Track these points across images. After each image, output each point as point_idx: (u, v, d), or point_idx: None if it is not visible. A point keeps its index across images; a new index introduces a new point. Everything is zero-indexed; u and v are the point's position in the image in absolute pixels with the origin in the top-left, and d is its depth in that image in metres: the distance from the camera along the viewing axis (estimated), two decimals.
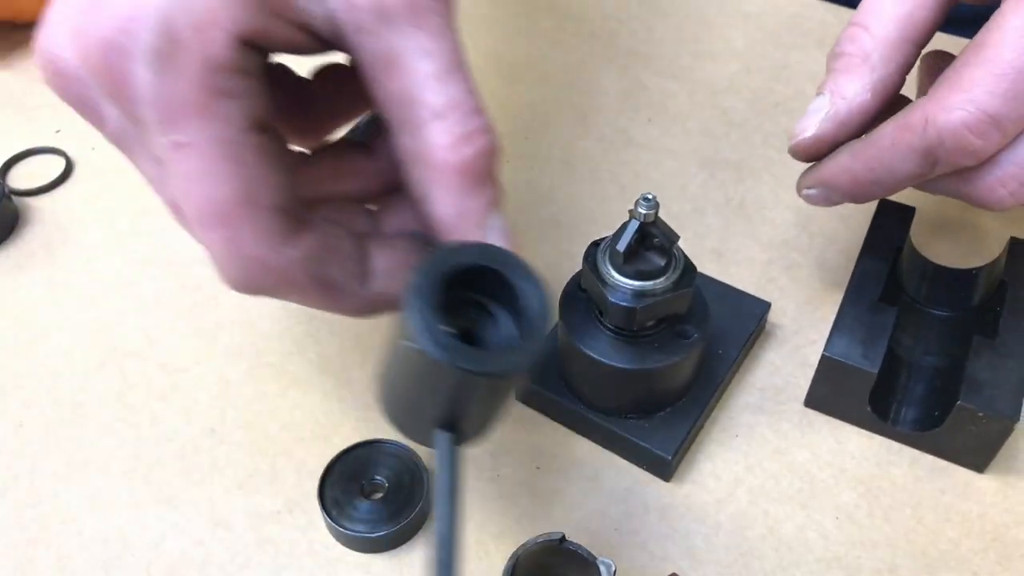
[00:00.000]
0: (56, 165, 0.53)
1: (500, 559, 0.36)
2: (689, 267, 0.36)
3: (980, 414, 0.36)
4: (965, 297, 0.43)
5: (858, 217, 0.49)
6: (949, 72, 0.34)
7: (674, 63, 0.60)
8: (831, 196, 0.39)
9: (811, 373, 0.41)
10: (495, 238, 0.29)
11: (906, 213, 0.45)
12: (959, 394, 0.36)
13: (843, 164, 0.37)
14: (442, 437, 0.28)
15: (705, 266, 0.46)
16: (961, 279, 0.44)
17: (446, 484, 0.28)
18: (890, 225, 0.44)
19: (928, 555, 0.36)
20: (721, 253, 0.48)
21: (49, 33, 0.28)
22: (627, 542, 0.37)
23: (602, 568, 0.32)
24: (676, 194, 0.51)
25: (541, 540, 0.33)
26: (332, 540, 0.37)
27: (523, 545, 0.33)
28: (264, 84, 0.27)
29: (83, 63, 0.27)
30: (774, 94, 0.57)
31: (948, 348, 0.42)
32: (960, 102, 0.32)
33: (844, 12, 0.62)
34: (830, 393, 0.40)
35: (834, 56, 0.37)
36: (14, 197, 0.51)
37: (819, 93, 0.37)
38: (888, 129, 0.35)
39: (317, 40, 0.28)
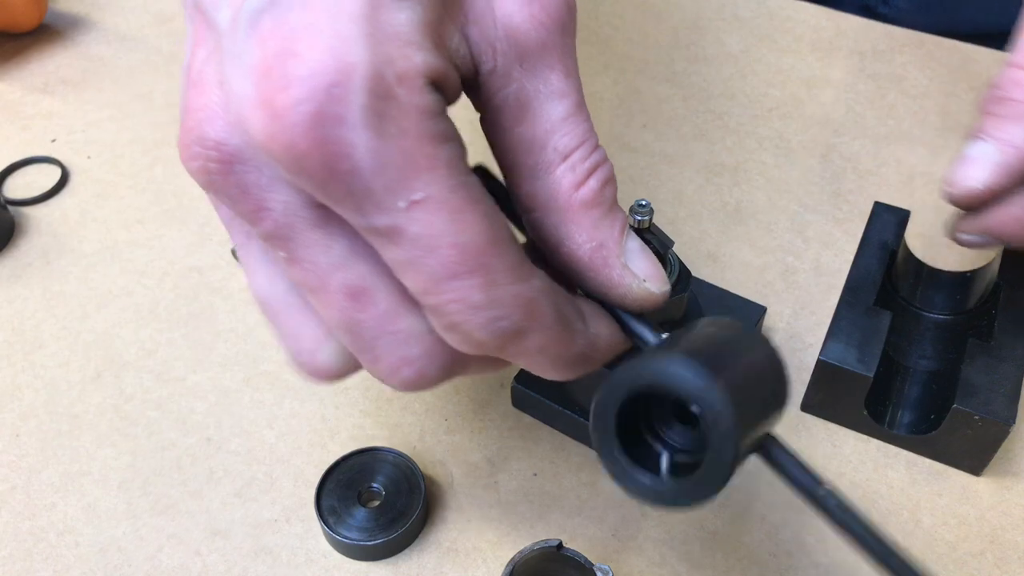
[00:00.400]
0: (52, 175, 0.53)
1: (498, 566, 0.36)
2: (684, 272, 0.37)
3: (976, 417, 0.36)
4: (960, 300, 0.43)
5: (853, 221, 0.49)
6: None
7: (669, 68, 0.60)
8: (993, 242, 0.38)
9: (807, 377, 0.41)
10: (635, 260, 0.28)
11: (901, 216, 0.45)
12: (955, 397, 0.36)
13: (1015, 214, 0.36)
14: (757, 456, 0.27)
15: (701, 271, 0.46)
16: (956, 282, 0.44)
17: (808, 482, 0.26)
18: (885, 229, 0.44)
19: (925, 559, 0.36)
20: (717, 258, 0.48)
21: (201, 119, 0.25)
22: (625, 548, 0.37)
23: (599, 574, 0.32)
24: (672, 199, 0.51)
25: (538, 547, 0.33)
26: (329, 548, 0.37)
27: (520, 552, 0.33)
28: None
29: (276, 144, 0.23)
30: (768, 98, 0.57)
31: (943, 351, 0.42)
32: None
33: (837, 16, 0.62)
34: (826, 397, 0.40)
35: (996, 100, 0.36)
36: (10, 207, 0.51)
37: (978, 138, 0.36)
38: None
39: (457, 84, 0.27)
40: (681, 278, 0.36)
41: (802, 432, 0.40)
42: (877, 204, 0.45)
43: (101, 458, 0.40)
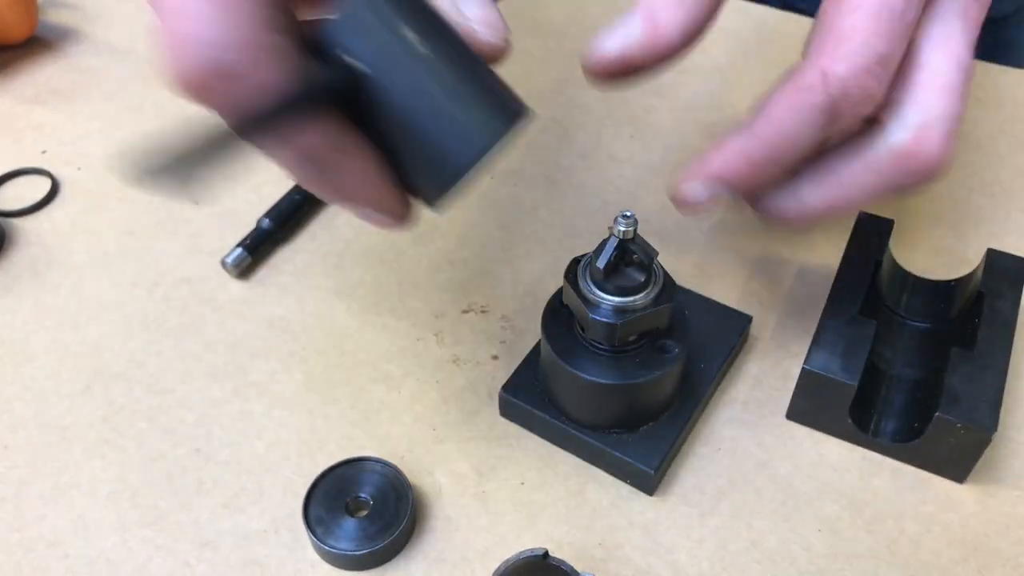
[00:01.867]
0: (42, 186, 0.53)
1: (485, 575, 0.36)
2: (669, 282, 0.37)
3: (958, 425, 0.36)
4: (944, 309, 0.44)
5: (837, 230, 0.50)
6: (823, 31, 0.33)
7: (656, 79, 0.60)
8: (718, 191, 0.36)
9: (792, 386, 0.41)
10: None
11: (885, 226, 0.45)
12: (938, 405, 0.37)
13: (736, 147, 0.35)
14: None
15: (687, 280, 0.47)
16: (940, 291, 0.44)
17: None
18: (869, 238, 0.44)
19: (910, 566, 0.36)
20: (703, 267, 0.48)
21: None
22: (611, 556, 0.37)
23: None
24: (658, 209, 0.51)
25: (524, 556, 0.33)
26: (317, 559, 0.37)
27: (506, 561, 0.33)
28: None
29: None
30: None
31: (927, 360, 0.42)
32: (854, 48, 0.32)
33: None
34: (811, 406, 0.40)
35: None
36: (0, 218, 0.51)
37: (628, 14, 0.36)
38: (781, 97, 0.34)
39: None
40: (666, 288, 0.37)
41: (787, 440, 0.40)
42: (862, 214, 0.46)
43: (90, 470, 0.40)
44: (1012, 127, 0.56)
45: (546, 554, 0.33)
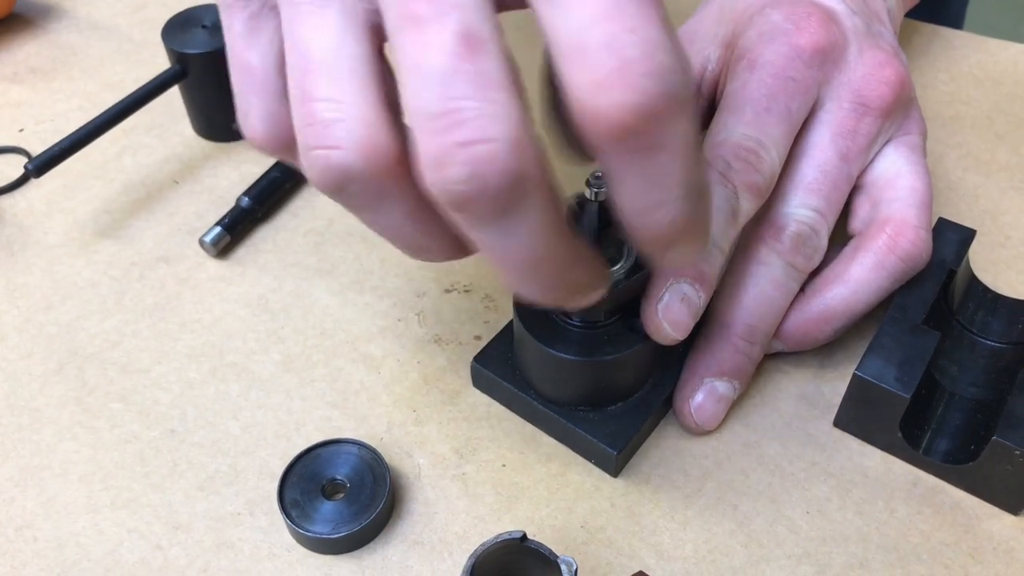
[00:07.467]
0: (19, 165, 0.52)
1: (464, 558, 0.35)
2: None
3: (1017, 452, 0.34)
4: (1021, 329, 0.40)
5: None
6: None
7: None
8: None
9: (779, 363, 0.40)
10: None
11: (965, 235, 0.42)
12: (997, 428, 0.34)
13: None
14: None
15: None
16: (1018, 310, 0.41)
17: None
18: (946, 246, 0.41)
19: (899, 548, 0.36)
20: None
21: None
22: (593, 539, 0.36)
23: (563, 567, 0.31)
24: None
25: (502, 539, 0.32)
26: (293, 542, 0.36)
27: (483, 544, 0.32)
28: None
29: None
30: None
31: (996, 381, 0.39)
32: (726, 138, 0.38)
33: None
34: (860, 415, 0.38)
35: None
36: None
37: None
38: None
39: None
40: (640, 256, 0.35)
41: (775, 421, 0.40)
42: (941, 219, 0.43)
43: (62, 451, 0.39)
44: (1010, 105, 0.54)
45: (524, 537, 0.32)
